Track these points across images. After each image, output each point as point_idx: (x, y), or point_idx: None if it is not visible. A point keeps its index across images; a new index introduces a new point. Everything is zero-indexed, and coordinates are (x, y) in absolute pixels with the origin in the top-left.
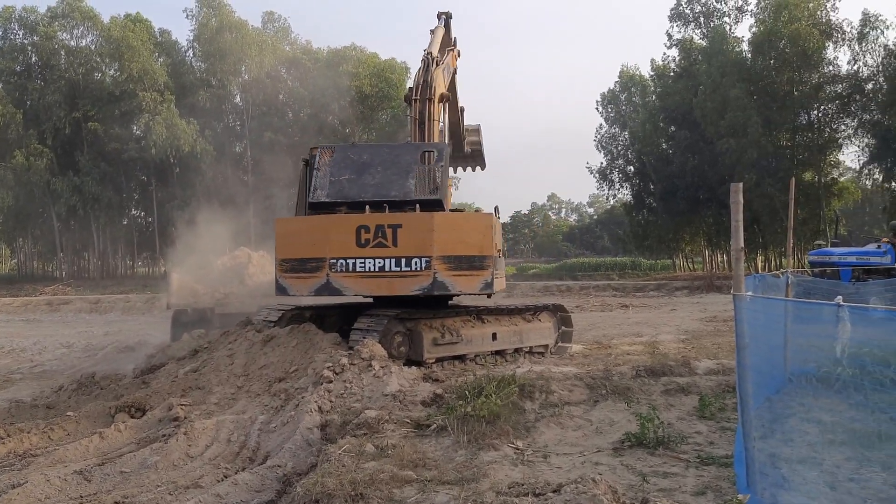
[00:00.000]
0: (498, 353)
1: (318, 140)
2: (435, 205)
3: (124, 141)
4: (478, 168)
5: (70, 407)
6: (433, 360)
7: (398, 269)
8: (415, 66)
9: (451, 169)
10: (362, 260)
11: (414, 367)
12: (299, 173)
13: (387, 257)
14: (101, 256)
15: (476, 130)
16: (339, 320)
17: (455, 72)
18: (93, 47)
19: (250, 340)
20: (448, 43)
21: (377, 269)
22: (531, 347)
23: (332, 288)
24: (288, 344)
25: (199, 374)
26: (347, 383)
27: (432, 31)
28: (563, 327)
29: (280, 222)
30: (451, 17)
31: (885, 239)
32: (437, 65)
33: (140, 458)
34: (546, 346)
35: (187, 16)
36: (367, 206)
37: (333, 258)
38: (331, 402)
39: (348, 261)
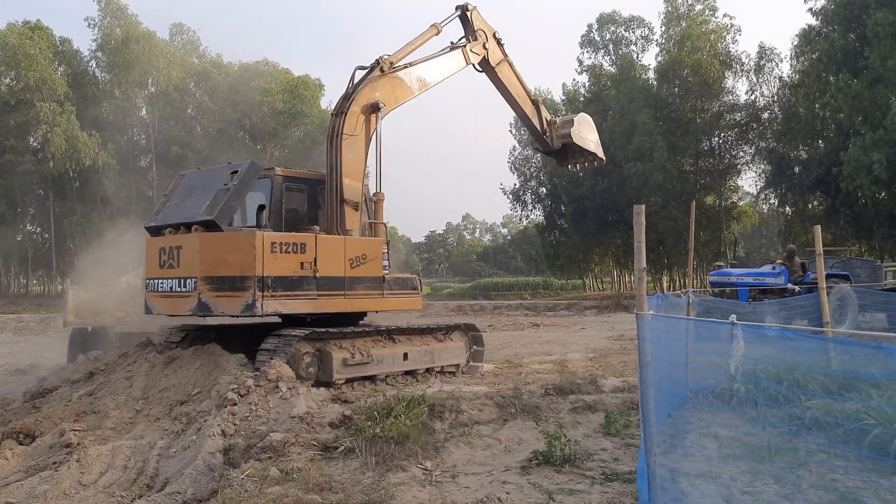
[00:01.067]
0: (409, 372)
1: (229, 156)
2: (210, 225)
3: (20, 153)
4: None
5: None
6: (343, 381)
7: (179, 289)
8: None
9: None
10: (161, 280)
11: (323, 389)
12: None
13: (173, 278)
14: None
15: (567, 122)
16: (245, 340)
17: (484, 66)
18: None
19: (151, 362)
20: (470, 35)
21: (168, 290)
22: (442, 367)
23: (148, 307)
24: (191, 365)
25: (94, 397)
26: (253, 405)
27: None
28: (474, 346)
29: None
30: (468, 10)
31: (779, 260)
32: (386, 72)
33: (28, 487)
34: (457, 366)
35: (89, 24)
36: (169, 229)
37: (147, 279)
38: (235, 425)
39: (154, 281)
